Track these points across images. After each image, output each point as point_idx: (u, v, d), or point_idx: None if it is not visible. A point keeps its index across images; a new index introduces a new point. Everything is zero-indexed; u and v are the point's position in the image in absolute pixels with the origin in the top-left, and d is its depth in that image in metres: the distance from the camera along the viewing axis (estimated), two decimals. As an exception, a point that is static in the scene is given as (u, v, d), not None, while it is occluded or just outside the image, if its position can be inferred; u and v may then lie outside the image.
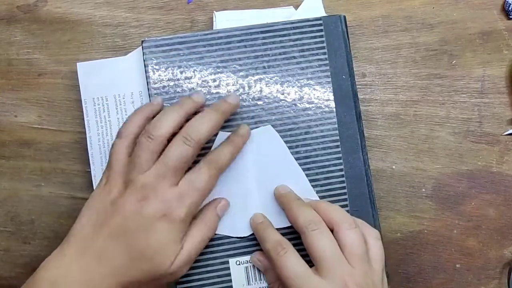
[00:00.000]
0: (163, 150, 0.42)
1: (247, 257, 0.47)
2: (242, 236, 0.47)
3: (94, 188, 0.45)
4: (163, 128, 0.42)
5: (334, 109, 0.48)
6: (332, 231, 0.42)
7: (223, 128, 0.47)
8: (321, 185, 0.48)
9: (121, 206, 0.40)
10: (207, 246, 0.46)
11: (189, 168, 0.43)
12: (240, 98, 0.48)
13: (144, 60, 0.47)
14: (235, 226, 0.47)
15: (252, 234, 0.47)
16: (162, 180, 0.41)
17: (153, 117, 0.44)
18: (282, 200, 0.46)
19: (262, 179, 0.47)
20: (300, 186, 0.47)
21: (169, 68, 0.47)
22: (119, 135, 0.43)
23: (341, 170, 0.48)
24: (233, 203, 0.47)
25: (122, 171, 0.42)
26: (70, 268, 0.39)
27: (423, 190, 0.52)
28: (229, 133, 0.47)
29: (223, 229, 0.47)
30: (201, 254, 0.46)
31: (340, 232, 0.42)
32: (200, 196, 0.42)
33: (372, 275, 0.41)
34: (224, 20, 0.51)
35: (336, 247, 0.41)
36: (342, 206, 0.47)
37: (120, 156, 0.43)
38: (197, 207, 0.43)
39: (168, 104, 0.47)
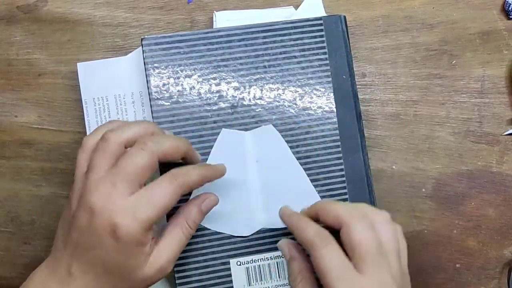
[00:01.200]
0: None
1: (248, 258, 0.47)
2: (245, 235, 0.47)
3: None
4: (123, 133, 0.38)
5: (335, 109, 0.48)
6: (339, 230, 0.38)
7: (224, 128, 0.47)
8: (321, 185, 0.48)
9: (77, 219, 0.37)
10: (207, 247, 0.46)
11: None
12: (241, 97, 0.48)
13: (143, 58, 0.47)
14: (237, 225, 0.47)
15: (254, 234, 0.47)
16: (113, 189, 0.36)
17: None
18: (288, 221, 0.42)
19: (263, 178, 0.47)
20: (302, 185, 0.47)
21: (169, 66, 0.47)
22: (82, 145, 0.40)
23: (341, 170, 0.48)
24: (235, 202, 0.47)
25: (81, 183, 0.38)
26: (48, 282, 0.38)
27: (423, 190, 0.52)
28: (234, 130, 0.47)
29: (225, 228, 0.47)
30: (202, 254, 0.46)
31: (347, 231, 0.36)
32: (157, 213, 0.37)
33: (387, 274, 0.35)
34: (224, 20, 0.51)
35: (348, 261, 0.36)
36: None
37: (81, 165, 0.39)
38: (153, 224, 0.37)
39: (168, 103, 0.47)
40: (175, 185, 0.38)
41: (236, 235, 0.47)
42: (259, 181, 0.47)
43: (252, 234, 0.47)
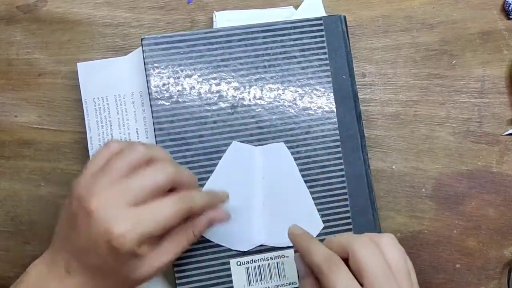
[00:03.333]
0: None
1: (248, 258, 0.47)
2: (243, 250, 0.47)
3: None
4: (151, 150, 0.39)
5: (335, 109, 0.48)
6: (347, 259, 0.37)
7: (226, 133, 0.47)
8: (321, 185, 0.48)
9: (76, 221, 0.36)
10: (208, 247, 0.46)
11: None
12: (241, 97, 0.48)
13: (143, 58, 0.47)
14: (236, 240, 0.47)
15: (253, 249, 0.47)
16: (119, 197, 0.36)
17: None
18: (297, 240, 0.40)
19: (268, 195, 0.47)
20: (305, 207, 0.47)
21: (169, 66, 0.47)
22: (106, 145, 0.40)
23: (341, 170, 0.48)
24: (237, 216, 0.47)
25: (90, 179, 0.38)
26: (47, 279, 0.38)
27: (423, 190, 0.52)
28: (245, 144, 0.47)
29: (224, 241, 0.47)
30: (202, 254, 0.46)
31: (354, 256, 0.36)
32: (155, 230, 0.36)
33: None
34: (224, 20, 0.51)
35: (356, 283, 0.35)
36: (342, 206, 0.48)
37: (97, 162, 0.39)
38: (152, 238, 0.37)
39: (168, 102, 0.47)
40: (179, 208, 0.38)
41: (234, 249, 0.47)
42: (262, 198, 0.47)
43: (251, 249, 0.47)
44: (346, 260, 0.36)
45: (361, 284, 0.34)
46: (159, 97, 0.47)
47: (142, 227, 0.36)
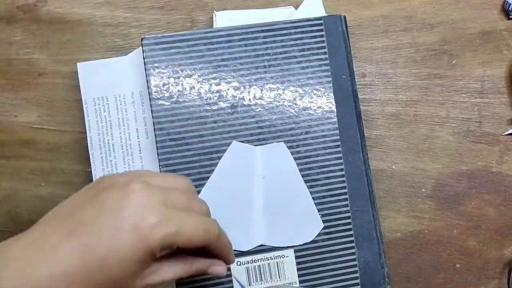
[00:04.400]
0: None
1: (248, 258, 0.47)
2: (243, 250, 0.47)
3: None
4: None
5: (335, 109, 0.48)
6: None
7: (226, 132, 0.47)
8: (321, 185, 0.48)
9: (102, 198, 0.34)
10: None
11: None
12: (241, 96, 0.48)
13: (144, 58, 0.47)
14: (236, 239, 0.47)
15: (253, 249, 0.47)
16: (159, 194, 0.35)
17: None
18: None
19: (268, 196, 0.47)
20: (305, 207, 0.47)
21: (169, 66, 0.47)
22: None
23: (341, 170, 0.48)
24: (237, 216, 0.47)
25: (127, 174, 0.37)
26: (20, 263, 0.32)
27: (423, 190, 0.52)
28: (245, 144, 0.47)
29: None
30: (202, 254, 0.46)
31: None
32: (185, 235, 0.35)
33: None
34: (224, 20, 0.51)
35: None
36: (342, 206, 0.48)
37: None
38: (174, 246, 0.35)
39: (168, 102, 0.47)
40: (207, 230, 0.36)
41: (233, 249, 0.47)
42: (263, 198, 0.47)
43: (252, 248, 0.47)
44: None
45: None
46: (159, 97, 0.47)
47: (170, 228, 0.34)
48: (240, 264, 0.47)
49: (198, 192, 0.46)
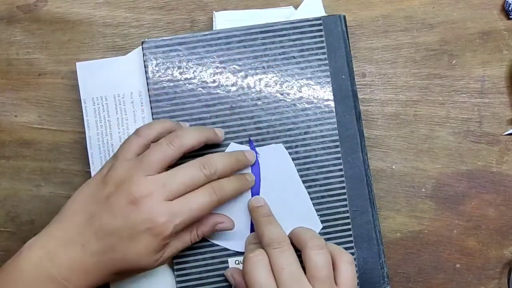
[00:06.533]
0: (174, 165, 0.42)
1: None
2: (241, 251, 0.47)
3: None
4: (187, 140, 0.42)
5: (334, 109, 0.48)
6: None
7: (224, 133, 0.47)
8: (321, 185, 0.48)
9: (113, 203, 0.40)
10: (206, 246, 0.47)
11: None
12: (240, 98, 0.48)
13: (144, 61, 0.48)
14: (235, 240, 0.47)
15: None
16: (160, 190, 0.40)
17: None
18: (252, 214, 0.46)
19: (266, 197, 0.47)
20: (304, 208, 0.47)
21: (169, 69, 0.48)
22: (137, 132, 0.43)
23: (340, 170, 0.48)
24: (235, 217, 0.47)
25: (126, 165, 0.41)
26: (56, 252, 0.39)
27: (423, 190, 0.52)
28: (240, 145, 0.47)
29: (223, 242, 0.47)
30: (201, 253, 0.47)
31: (305, 253, 0.41)
32: (191, 218, 0.41)
33: None
34: (224, 20, 0.51)
35: (296, 267, 0.40)
36: (342, 206, 0.48)
37: (130, 151, 0.42)
38: (185, 226, 0.41)
39: (168, 104, 0.47)
40: (213, 199, 0.42)
41: (232, 249, 0.47)
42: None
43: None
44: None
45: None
46: (159, 99, 0.47)
47: (179, 218, 0.40)
48: (238, 263, 0.47)
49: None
